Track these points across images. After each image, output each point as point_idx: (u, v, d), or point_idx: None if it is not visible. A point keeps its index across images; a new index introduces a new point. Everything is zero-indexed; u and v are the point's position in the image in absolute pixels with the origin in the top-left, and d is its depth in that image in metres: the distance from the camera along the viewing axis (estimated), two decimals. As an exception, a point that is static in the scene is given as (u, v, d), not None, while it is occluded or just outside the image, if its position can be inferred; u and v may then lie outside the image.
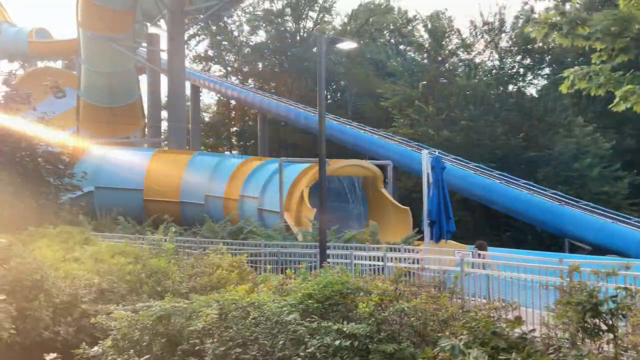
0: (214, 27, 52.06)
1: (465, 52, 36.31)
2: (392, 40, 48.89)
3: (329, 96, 47.28)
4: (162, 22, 32.63)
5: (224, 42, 53.90)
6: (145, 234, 15.28)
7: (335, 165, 18.71)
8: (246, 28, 54.04)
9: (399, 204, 19.78)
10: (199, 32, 53.44)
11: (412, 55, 40.65)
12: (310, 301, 6.45)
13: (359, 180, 20.23)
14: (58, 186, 12.56)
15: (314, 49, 46.99)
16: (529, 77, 36.80)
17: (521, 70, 36.19)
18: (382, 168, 20.59)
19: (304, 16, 52.50)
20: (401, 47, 46.72)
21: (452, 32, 36.91)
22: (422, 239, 15.64)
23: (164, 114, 40.20)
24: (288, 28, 52.40)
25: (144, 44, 33.93)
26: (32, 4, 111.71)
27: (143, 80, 36.55)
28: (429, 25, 36.99)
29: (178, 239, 13.60)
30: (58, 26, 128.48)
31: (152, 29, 35.65)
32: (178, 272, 9.08)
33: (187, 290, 8.55)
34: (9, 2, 45.72)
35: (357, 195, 20.05)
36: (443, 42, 36.31)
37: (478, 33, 35.98)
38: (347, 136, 31.00)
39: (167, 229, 13.35)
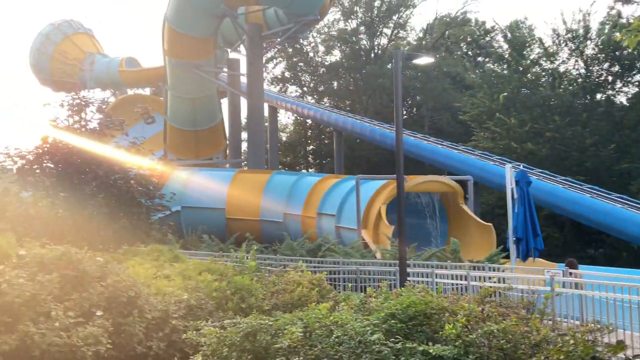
0: (290, 50, 53.44)
1: (549, 62, 34.88)
2: (470, 53, 47.95)
3: (405, 112, 46.90)
4: (241, 47, 33.88)
5: (300, 63, 55.17)
6: (228, 252, 15.79)
7: (413, 182, 18.46)
8: (321, 48, 55.05)
9: (482, 221, 19.16)
10: (276, 55, 55.00)
11: (491, 66, 39.62)
12: (393, 321, 6.36)
13: (438, 196, 19.84)
14: (149, 207, 13.26)
15: (389, 66, 47.01)
16: (619, 84, 34.71)
17: (609, 78, 34.22)
18: (463, 183, 20.08)
19: (378, 33, 52.70)
20: (479, 59, 45.72)
21: (534, 41, 35.63)
22: (507, 257, 15.04)
23: (244, 135, 41.51)
24: (362, 46, 52.78)
25: (225, 69, 35.35)
26: (122, 35, 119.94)
27: (224, 103, 38.06)
28: (509, 36, 35.92)
29: (259, 256, 13.91)
30: (146, 54, 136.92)
31: (232, 54, 37.18)
32: (261, 290, 9.27)
33: (270, 307, 8.71)
34: (102, 34, 49.12)
35: (436, 211, 19.65)
36: (524, 52, 35.12)
37: (561, 41, 34.48)
38: (424, 151, 30.55)
39: (249, 247, 13.70)
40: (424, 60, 13.50)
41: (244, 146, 41.20)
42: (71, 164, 12.20)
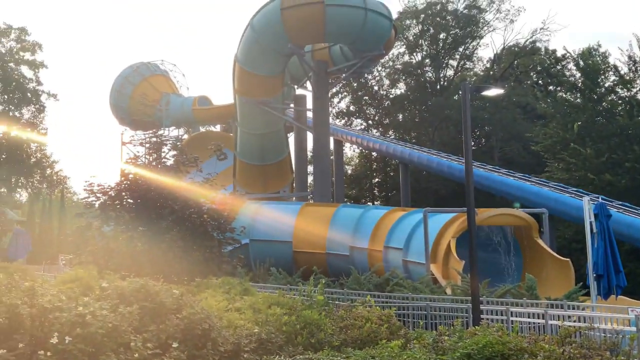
0: (355, 84, 54.11)
1: (625, 89, 33.33)
2: (540, 82, 46.69)
3: (473, 143, 46.07)
4: (308, 83, 34.70)
5: (365, 97, 55.68)
6: (296, 285, 15.87)
7: (485, 215, 17.90)
8: (386, 82, 55.40)
9: (558, 256, 18.25)
10: (342, 89, 55.84)
11: (563, 95, 38.31)
12: (468, 361, 6.15)
13: (511, 230, 19.12)
14: (221, 240, 13.64)
15: (455, 97, 46.56)
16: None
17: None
18: (537, 217, 19.28)
19: (444, 65, 52.48)
20: (550, 87, 44.38)
21: (608, 69, 34.22)
22: (587, 294, 14.19)
23: (310, 168, 42.05)
24: (428, 78, 52.65)
25: (292, 105, 36.24)
26: (196, 74, 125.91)
27: (291, 138, 38.88)
28: (581, 64, 34.71)
29: (326, 290, 13.88)
30: (217, 92, 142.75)
31: (299, 90, 38.11)
32: (330, 324, 9.21)
33: (339, 342, 8.62)
34: (177, 74, 51.69)
35: (509, 246, 18.92)
36: (598, 80, 33.77)
37: (638, 68, 32.94)
38: (495, 183, 29.69)
39: (317, 281, 13.70)
40: (494, 92, 13.29)
41: (310, 179, 41.72)
42: (149, 199, 12.79)
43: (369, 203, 52.00)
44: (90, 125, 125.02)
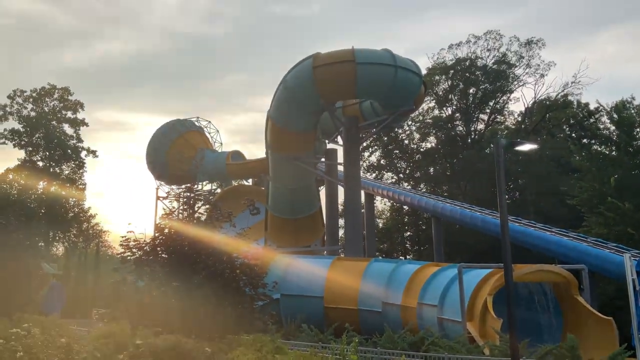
0: (385, 138, 54.53)
1: (662, 142, 32.68)
2: (574, 134, 46.22)
3: (507, 196, 45.31)
4: (338, 138, 35.10)
5: (395, 151, 55.94)
6: (328, 343, 15.53)
7: (521, 271, 17.39)
8: (416, 135, 55.71)
9: (600, 314, 17.47)
10: (372, 143, 56.30)
11: (598, 148, 37.76)
12: None
13: (550, 287, 18.47)
14: (252, 296, 13.58)
15: (487, 150, 46.39)
16: None
17: None
18: (576, 273, 18.64)
19: (474, 119, 52.62)
20: (584, 140, 43.83)
21: (644, 121, 33.72)
22: (633, 355, 13.48)
23: (341, 222, 41.92)
24: (458, 132, 52.76)
25: (323, 159, 36.61)
26: (230, 130, 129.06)
27: (322, 191, 39.06)
28: (615, 117, 34.32)
29: (359, 348, 13.53)
30: (249, 148, 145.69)
31: (330, 145, 38.54)
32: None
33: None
34: (211, 130, 53.06)
35: (548, 304, 18.22)
36: (634, 133, 33.22)
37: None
38: (531, 238, 28.98)
39: (349, 339, 13.40)
40: (527, 146, 13.22)
41: (341, 233, 41.49)
42: (183, 255, 12.92)
43: (401, 257, 51.23)
44: (127, 179, 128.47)
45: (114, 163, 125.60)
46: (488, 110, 53.33)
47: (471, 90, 52.03)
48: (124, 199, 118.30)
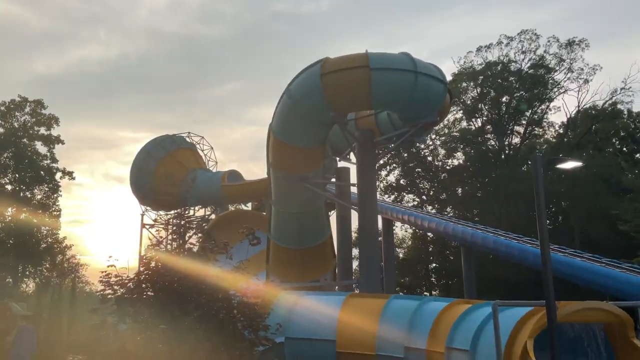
0: (405, 154, 54.62)
1: None
2: (625, 149, 46.10)
3: (548, 221, 45.18)
4: (351, 155, 35.13)
5: (417, 169, 56.02)
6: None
7: (567, 310, 17.15)
8: (442, 151, 55.82)
9: (662, 360, 17.17)
10: (390, 161, 56.43)
11: (655, 164, 37.63)
12: None
13: (600, 328, 18.21)
14: (252, 340, 13.50)
15: (524, 168, 46.29)
16: None
17: None
18: (631, 311, 18.37)
19: (508, 132, 52.67)
20: (637, 155, 43.71)
21: None
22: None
23: (355, 252, 41.74)
24: (490, 147, 52.84)
25: (333, 179, 36.58)
26: (225, 146, 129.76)
27: (332, 216, 38.98)
28: (672, 127, 34.24)
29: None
30: (248, 167, 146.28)
31: (341, 163, 38.53)
32: None
33: None
34: (204, 147, 53.38)
35: (598, 348, 17.94)
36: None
37: None
38: (577, 271, 28.70)
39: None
40: (571, 164, 13.18)
41: (356, 265, 41.26)
42: (172, 292, 12.89)
43: (425, 293, 50.92)
44: (108, 205, 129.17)
45: (93, 186, 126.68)
46: (524, 122, 53.42)
47: (504, 99, 52.21)
48: (105, 228, 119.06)
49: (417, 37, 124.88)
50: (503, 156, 51.96)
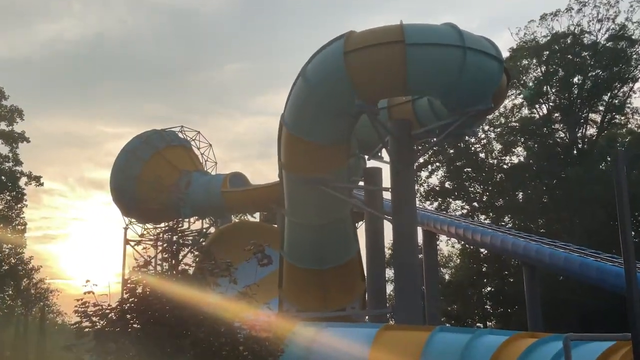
0: (451, 151, 54.45)
1: None
2: None
3: (634, 232, 44.76)
4: (383, 152, 35.08)
5: (466, 169, 55.75)
6: None
7: (658, 345, 17.02)
8: (497, 146, 55.52)
9: None
10: (432, 159, 56.25)
11: None
12: None
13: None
14: (264, 384, 13.59)
15: (602, 166, 45.92)
16: None
17: None
18: None
19: (581, 121, 52.28)
20: None
21: None
22: None
23: (390, 273, 41.68)
24: (559, 140, 52.53)
25: (361, 183, 36.57)
26: (227, 146, 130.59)
27: (360, 229, 38.96)
28: None
29: None
30: (256, 168, 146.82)
31: (371, 162, 38.50)
32: None
33: None
34: (201, 145, 53.68)
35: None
36: None
37: None
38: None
39: None
40: (660, 161, 13.06)
41: (390, 289, 41.18)
42: (164, 325, 12.99)
43: (478, 325, 50.66)
44: (85, 216, 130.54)
45: (66, 193, 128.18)
46: (602, 108, 52.92)
47: (576, 80, 51.78)
48: (82, 245, 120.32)
49: (464, 4, 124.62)
50: (575, 151, 51.58)
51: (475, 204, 56.73)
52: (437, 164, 57.12)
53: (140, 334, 13.26)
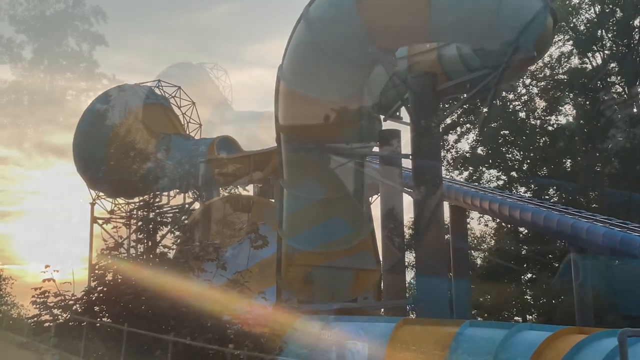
0: (484, 110, 54.21)
1: None
2: None
3: None
4: (402, 111, 34.97)
5: (503, 131, 55.52)
6: None
7: None
8: (540, 104, 55.21)
9: None
10: (462, 120, 56.05)
11: None
12: None
13: None
14: (258, 386, 13.72)
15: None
16: None
17: None
18: None
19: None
20: None
21: None
22: None
23: (410, 256, 41.71)
24: (616, 96, 52.17)
25: (376, 148, 36.48)
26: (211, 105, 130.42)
27: (375, 205, 38.99)
28: None
29: None
30: (248, 131, 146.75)
31: (387, 124, 38.38)
32: None
33: None
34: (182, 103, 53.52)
35: None
36: None
37: None
38: None
39: None
40: None
41: (410, 276, 41.22)
42: (140, 318, 13.10)
43: (516, 318, 50.86)
44: (44, 190, 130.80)
45: (22, 162, 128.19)
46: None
47: (637, 22, 51.39)
48: (40, 224, 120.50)
49: None
50: (636, 110, 51.35)
51: (513, 173, 56.55)
52: (468, 125, 56.96)
53: (111, 329, 13.36)
